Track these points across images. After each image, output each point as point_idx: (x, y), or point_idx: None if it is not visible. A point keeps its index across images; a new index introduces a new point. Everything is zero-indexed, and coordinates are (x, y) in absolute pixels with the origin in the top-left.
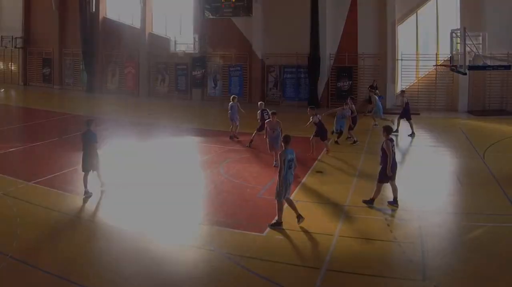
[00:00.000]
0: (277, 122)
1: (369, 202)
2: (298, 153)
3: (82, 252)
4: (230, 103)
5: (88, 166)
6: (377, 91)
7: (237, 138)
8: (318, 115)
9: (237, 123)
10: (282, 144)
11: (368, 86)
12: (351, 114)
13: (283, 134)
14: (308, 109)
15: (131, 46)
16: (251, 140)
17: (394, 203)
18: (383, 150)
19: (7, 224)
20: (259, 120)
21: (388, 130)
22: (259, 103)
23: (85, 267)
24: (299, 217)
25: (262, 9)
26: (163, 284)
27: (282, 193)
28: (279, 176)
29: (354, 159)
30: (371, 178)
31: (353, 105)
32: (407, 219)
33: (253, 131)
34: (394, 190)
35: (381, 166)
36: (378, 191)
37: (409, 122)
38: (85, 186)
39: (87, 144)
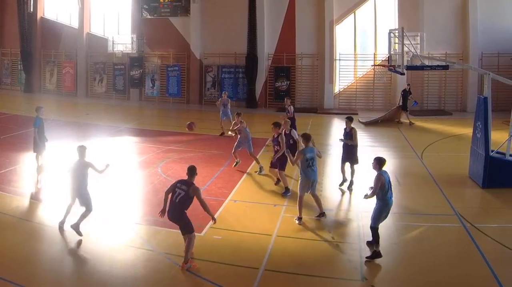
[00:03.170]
0: (241, 122)
1: (285, 192)
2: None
3: (20, 252)
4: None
5: (34, 147)
6: (411, 96)
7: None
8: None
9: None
10: (303, 142)
11: (401, 91)
12: (288, 114)
13: (301, 133)
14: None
15: (69, 46)
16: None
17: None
18: (277, 141)
19: None
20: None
21: (277, 125)
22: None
23: (22, 267)
24: (321, 214)
25: (200, 9)
26: (101, 284)
27: (303, 189)
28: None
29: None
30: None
31: (291, 106)
32: (346, 219)
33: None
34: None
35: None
36: (283, 178)
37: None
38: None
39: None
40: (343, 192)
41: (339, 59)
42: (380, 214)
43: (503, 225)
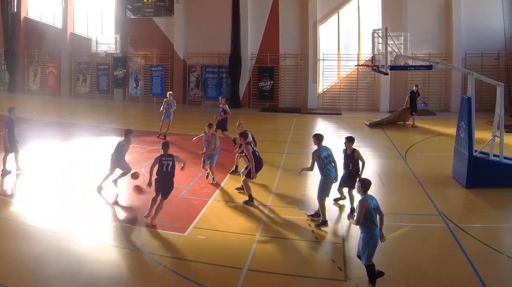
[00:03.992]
0: (213, 135)
1: (248, 201)
2: (221, 151)
3: (1, 252)
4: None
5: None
6: (419, 97)
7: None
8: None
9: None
10: (315, 143)
11: (408, 92)
12: (224, 114)
13: (314, 134)
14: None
15: (53, 46)
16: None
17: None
18: (244, 153)
19: None
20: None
21: (244, 135)
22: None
23: (4, 267)
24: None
25: (183, 9)
26: (84, 284)
27: (324, 192)
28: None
29: (277, 159)
30: (294, 177)
31: (226, 105)
32: (329, 219)
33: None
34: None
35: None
36: (247, 187)
37: None
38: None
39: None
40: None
41: (323, 59)
42: (367, 246)
43: (486, 225)
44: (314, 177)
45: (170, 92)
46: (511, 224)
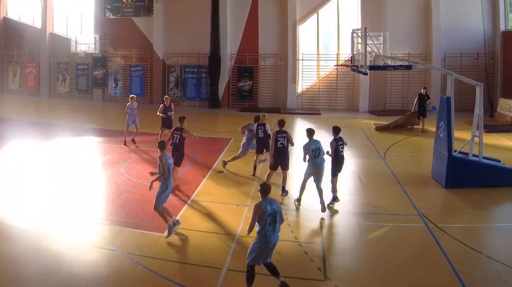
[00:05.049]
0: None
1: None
2: (200, 152)
3: None
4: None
5: None
6: (429, 101)
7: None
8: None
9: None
10: (307, 136)
11: (417, 94)
12: (169, 114)
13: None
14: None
15: (32, 46)
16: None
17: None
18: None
19: None
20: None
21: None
22: (261, 114)
23: None
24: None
25: (163, 9)
26: (64, 284)
27: (308, 175)
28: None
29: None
30: (274, 177)
31: (172, 104)
32: (308, 219)
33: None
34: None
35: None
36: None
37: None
38: None
39: None
40: (306, 191)
41: (302, 59)
42: (254, 251)
43: (465, 225)
44: (294, 177)
45: (133, 95)
46: (490, 224)
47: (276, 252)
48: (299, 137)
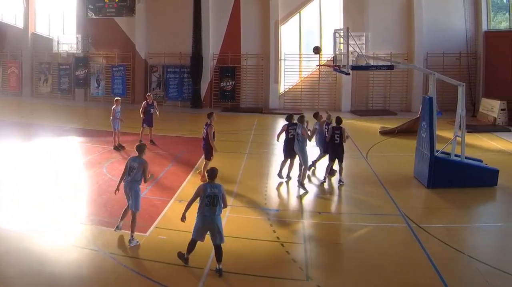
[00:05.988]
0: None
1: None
2: (183, 152)
3: None
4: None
5: None
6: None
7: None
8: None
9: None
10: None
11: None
12: (151, 111)
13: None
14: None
15: (14, 46)
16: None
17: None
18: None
19: None
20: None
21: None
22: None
23: None
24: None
25: (145, 9)
26: (46, 284)
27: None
28: None
29: (238, 159)
30: (255, 178)
31: (154, 102)
32: (291, 219)
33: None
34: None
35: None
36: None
37: None
38: None
39: None
40: (288, 190)
41: (284, 59)
42: (195, 226)
43: (448, 225)
44: (275, 177)
45: (117, 98)
46: (472, 224)
47: (258, 251)
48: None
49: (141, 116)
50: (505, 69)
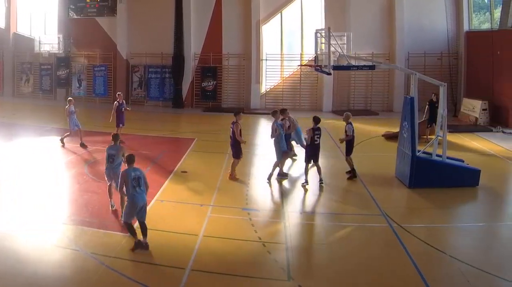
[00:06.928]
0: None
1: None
2: (164, 152)
3: None
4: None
5: None
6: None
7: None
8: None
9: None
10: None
11: (427, 102)
12: (122, 109)
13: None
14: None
15: None
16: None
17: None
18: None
19: None
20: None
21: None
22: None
23: None
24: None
25: (126, 9)
26: (28, 284)
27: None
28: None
29: (219, 159)
30: (237, 176)
31: (123, 100)
32: (272, 219)
33: None
34: None
35: None
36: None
37: None
38: None
39: None
40: (271, 190)
41: (266, 59)
42: (126, 209)
43: (429, 225)
44: (256, 177)
45: (70, 98)
46: (453, 224)
47: (240, 251)
48: (264, 136)
49: (114, 115)
50: (486, 70)
